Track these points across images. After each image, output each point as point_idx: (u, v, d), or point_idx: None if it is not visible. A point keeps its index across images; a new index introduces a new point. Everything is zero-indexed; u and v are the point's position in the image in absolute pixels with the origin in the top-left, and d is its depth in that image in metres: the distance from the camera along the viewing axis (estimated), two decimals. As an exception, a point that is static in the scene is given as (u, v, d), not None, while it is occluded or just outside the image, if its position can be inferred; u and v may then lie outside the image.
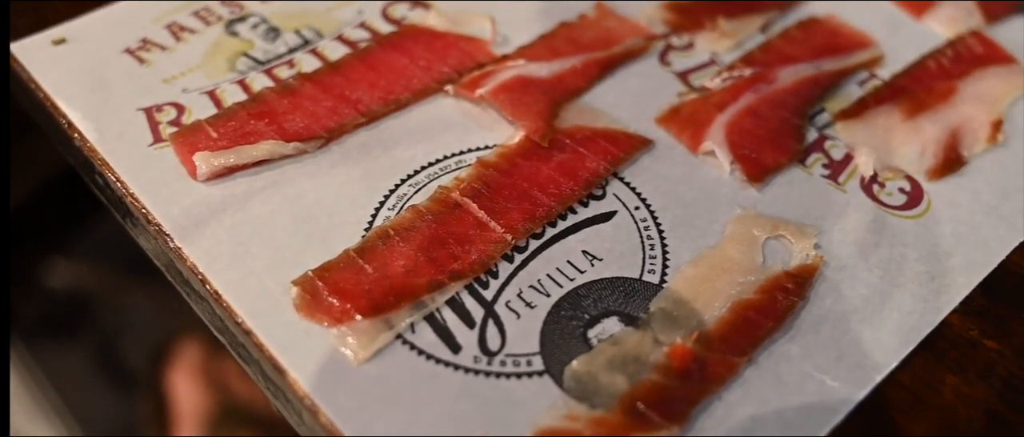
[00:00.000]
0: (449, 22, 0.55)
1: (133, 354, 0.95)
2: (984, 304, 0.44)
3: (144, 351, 0.95)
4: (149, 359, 0.92)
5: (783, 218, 0.46)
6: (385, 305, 0.41)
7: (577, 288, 0.42)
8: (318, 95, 0.49)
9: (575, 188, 0.46)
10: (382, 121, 0.49)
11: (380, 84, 0.50)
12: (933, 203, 0.48)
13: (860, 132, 0.51)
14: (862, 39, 0.57)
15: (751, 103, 0.52)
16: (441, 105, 0.51)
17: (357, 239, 0.43)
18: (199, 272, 0.42)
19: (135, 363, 0.94)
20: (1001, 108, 0.53)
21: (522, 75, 0.51)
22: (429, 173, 0.47)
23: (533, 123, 0.48)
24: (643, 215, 0.46)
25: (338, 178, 0.46)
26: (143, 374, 0.92)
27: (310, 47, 0.53)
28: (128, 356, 0.95)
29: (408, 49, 0.53)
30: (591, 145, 0.48)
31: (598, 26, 0.56)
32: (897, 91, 0.54)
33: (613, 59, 0.54)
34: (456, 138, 0.49)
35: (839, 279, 0.44)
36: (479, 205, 0.45)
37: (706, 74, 0.54)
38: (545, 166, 0.47)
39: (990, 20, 0.60)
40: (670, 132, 0.50)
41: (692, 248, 0.44)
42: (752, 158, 0.48)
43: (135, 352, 0.96)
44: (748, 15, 0.58)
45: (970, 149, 0.51)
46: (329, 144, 0.48)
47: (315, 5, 0.56)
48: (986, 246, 0.46)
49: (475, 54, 0.53)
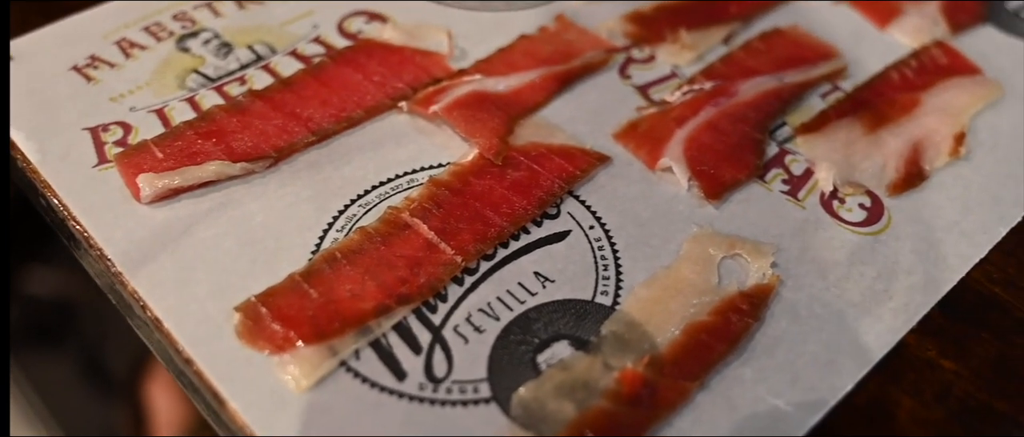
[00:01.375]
0: (406, 36, 0.54)
1: (116, 361, 0.94)
2: (942, 323, 0.43)
3: (127, 358, 0.94)
4: (132, 366, 0.91)
5: (740, 236, 0.45)
6: (329, 331, 0.40)
7: (528, 311, 0.42)
8: (268, 113, 0.48)
9: (528, 207, 0.45)
10: (334, 139, 0.48)
11: (332, 101, 0.49)
12: (893, 219, 0.47)
13: (821, 146, 0.50)
14: (826, 50, 0.57)
15: (711, 117, 0.51)
16: (395, 122, 0.50)
17: (304, 263, 0.42)
18: (140, 298, 0.41)
19: (118, 370, 0.94)
20: (964, 120, 0.52)
21: (478, 90, 0.50)
22: (380, 193, 0.46)
23: (487, 140, 0.48)
24: (597, 234, 0.45)
25: (286, 199, 0.45)
26: (126, 381, 0.91)
27: (263, 63, 0.52)
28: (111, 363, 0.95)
29: (362, 64, 0.52)
30: (546, 162, 0.47)
31: (558, 39, 0.55)
32: (859, 104, 0.53)
33: (572, 73, 0.53)
34: (409, 156, 0.48)
35: (795, 299, 0.43)
36: (430, 226, 0.44)
37: (666, 88, 0.53)
38: (498, 185, 0.46)
39: (955, 30, 0.59)
40: (628, 148, 0.49)
41: (646, 268, 0.44)
42: (710, 174, 0.48)
43: (118, 359, 0.95)
44: (711, 27, 0.57)
45: (932, 163, 0.50)
46: (278, 163, 0.47)
47: (269, 20, 0.55)
48: (946, 263, 0.45)
49: (431, 69, 0.52)
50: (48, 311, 0.95)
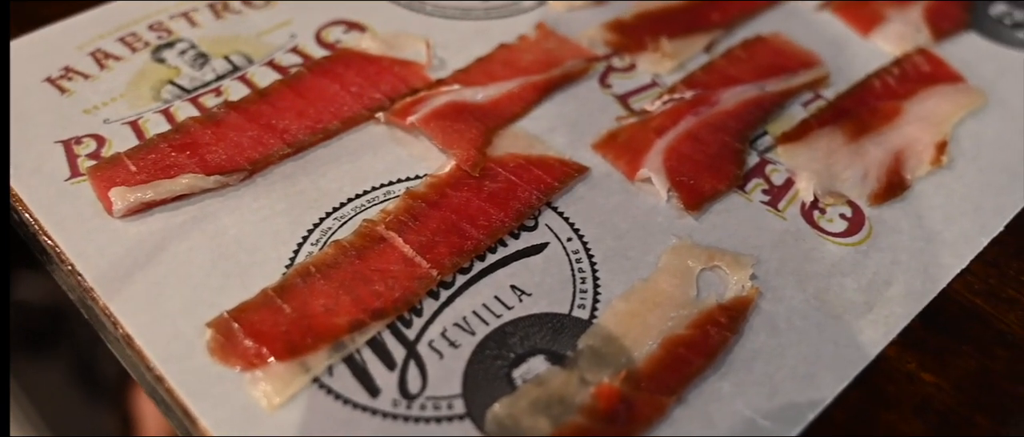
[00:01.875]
0: (384, 46, 0.53)
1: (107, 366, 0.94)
2: (923, 336, 0.43)
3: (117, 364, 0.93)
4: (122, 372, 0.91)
5: (719, 247, 0.45)
6: (302, 347, 0.39)
7: (504, 325, 0.41)
8: (243, 125, 0.48)
9: (506, 220, 0.45)
10: (310, 151, 0.48)
11: (309, 112, 0.49)
12: (874, 229, 0.47)
13: (802, 156, 0.50)
14: (808, 58, 0.56)
15: (691, 127, 0.50)
16: (372, 133, 0.49)
17: (277, 277, 0.42)
18: (111, 314, 0.40)
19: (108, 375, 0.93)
20: (946, 129, 0.52)
21: (456, 101, 0.50)
22: (356, 205, 0.45)
23: (464, 152, 0.47)
24: (575, 247, 0.44)
25: (261, 213, 0.44)
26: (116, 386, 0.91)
27: (239, 74, 0.51)
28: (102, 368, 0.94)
29: (339, 75, 0.51)
30: (524, 174, 0.47)
31: (538, 48, 0.55)
32: (841, 112, 0.52)
33: (551, 82, 0.52)
34: (386, 168, 0.47)
35: (775, 311, 0.43)
36: (405, 239, 0.43)
37: (647, 97, 0.53)
38: (476, 197, 0.45)
39: (938, 37, 0.59)
40: (607, 158, 0.49)
41: (625, 281, 0.43)
42: (690, 185, 0.47)
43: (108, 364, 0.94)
44: (692, 35, 0.57)
45: (914, 172, 0.49)
46: (253, 176, 0.46)
47: (246, 29, 0.54)
48: (927, 274, 0.45)
49: (409, 79, 0.52)
50: (39, 317, 0.95)
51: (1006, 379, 0.42)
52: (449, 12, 0.57)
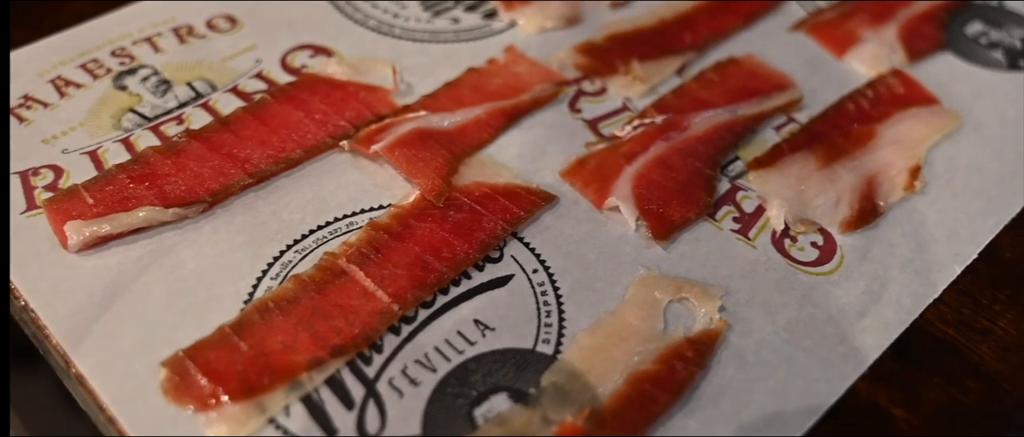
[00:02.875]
0: (351, 71, 0.53)
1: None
2: (894, 368, 0.42)
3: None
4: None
5: (688, 278, 0.44)
6: (259, 387, 0.38)
7: (466, 362, 0.40)
8: (204, 154, 0.47)
9: (470, 251, 0.44)
10: (272, 180, 0.47)
11: (272, 141, 0.48)
12: (846, 258, 0.46)
13: (774, 182, 0.49)
14: (781, 80, 0.56)
15: (661, 153, 0.50)
16: (336, 161, 0.48)
17: (235, 313, 0.41)
18: (63, 352, 0.39)
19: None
20: (920, 153, 0.51)
21: (421, 128, 0.49)
22: (318, 237, 0.44)
23: (428, 181, 0.46)
24: (541, 279, 0.43)
25: (220, 246, 0.44)
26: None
27: (202, 101, 0.51)
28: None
29: (304, 101, 0.50)
30: (490, 204, 0.46)
31: (507, 72, 0.54)
32: (813, 136, 0.52)
33: (520, 108, 0.52)
34: (349, 198, 0.46)
35: (743, 345, 0.42)
36: (366, 272, 0.42)
37: (617, 122, 0.52)
38: (440, 228, 0.45)
39: (914, 58, 0.58)
40: (576, 186, 0.48)
41: (590, 314, 0.42)
42: (659, 214, 0.46)
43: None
44: (664, 57, 0.56)
45: (886, 198, 0.49)
46: (213, 208, 0.45)
47: (211, 55, 0.53)
48: (898, 304, 0.44)
49: (375, 105, 0.51)
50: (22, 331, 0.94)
51: (978, 413, 0.41)
52: (418, 35, 0.57)
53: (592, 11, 0.60)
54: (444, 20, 0.58)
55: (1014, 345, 0.43)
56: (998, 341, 0.44)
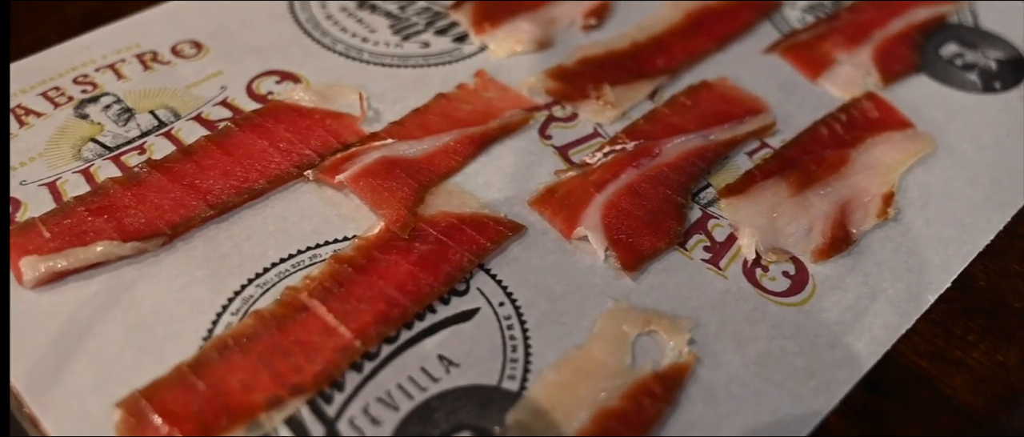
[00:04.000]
0: (318, 98, 0.52)
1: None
2: (866, 401, 0.41)
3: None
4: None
5: (657, 310, 0.43)
6: (216, 427, 0.37)
7: (429, 399, 0.39)
8: (165, 185, 0.46)
9: (435, 285, 0.43)
10: (235, 212, 0.46)
11: (235, 171, 0.47)
12: (818, 288, 0.45)
13: (745, 210, 0.48)
14: (754, 105, 0.55)
15: (632, 180, 0.49)
16: (300, 192, 0.47)
17: (194, 350, 0.40)
18: (16, 392, 0.38)
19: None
20: (894, 178, 0.51)
21: (388, 156, 0.48)
22: (280, 271, 0.43)
23: (394, 212, 0.45)
24: (507, 312, 0.43)
25: (179, 280, 0.43)
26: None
27: (165, 129, 0.50)
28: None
29: (269, 130, 0.49)
30: (456, 234, 0.45)
31: (476, 97, 0.53)
32: (786, 162, 0.51)
33: (489, 135, 0.51)
34: (313, 229, 0.45)
35: (713, 379, 0.41)
36: (329, 307, 0.41)
37: (588, 148, 0.52)
38: (405, 260, 0.44)
39: (888, 80, 0.58)
40: (544, 215, 0.47)
41: (557, 348, 0.42)
42: (628, 243, 0.46)
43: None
44: (637, 81, 0.56)
45: (859, 226, 0.48)
46: (174, 241, 0.44)
47: (175, 82, 0.53)
48: (871, 335, 0.44)
49: (341, 133, 0.50)
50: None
51: (950, 448, 0.40)
52: (387, 60, 0.56)
53: (564, 34, 0.59)
54: (413, 44, 0.57)
55: (987, 377, 0.43)
56: (971, 373, 0.43)
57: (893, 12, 0.63)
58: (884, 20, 0.62)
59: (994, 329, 0.45)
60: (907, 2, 0.64)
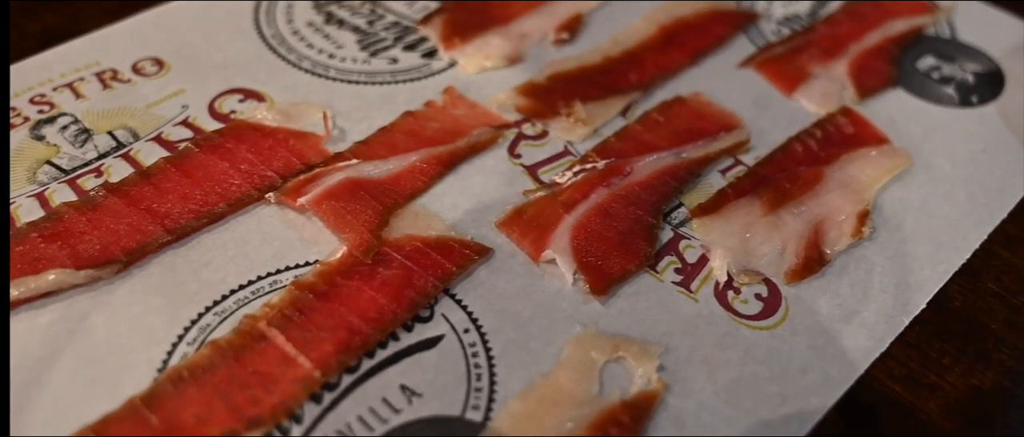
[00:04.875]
0: (281, 116, 0.51)
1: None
2: (839, 428, 0.40)
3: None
4: None
5: (626, 335, 0.42)
6: (169, 464, 0.36)
7: (390, 431, 0.38)
8: (121, 210, 0.45)
9: (399, 311, 0.42)
10: (194, 236, 0.45)
11: (194, 194, 0.46)
12: (791, 311, 0.44)
13: (718, 230, 0.47)
14: (728, 121, 0.54)
15: (602, 200, 0.48)
16: (262, 215, 0.46)
17: (148, 383, 0.39)
18: (-38, 430, 0.37)
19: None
20: (869, 196, 0.50)
21: (352, 178, 0.47)
22: (239, 298, 0.42)
23: (357, 236, 0.44)
24: (472, 339, 0.41)
25: (134, 309, 0.41)
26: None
27: (123, 151, 0.48)
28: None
29: (230, 151, 0.48)
30: (421, 259, 0.44)
31: (445, 115, 0.52)
32: (760, 180, 0.50)
33: (457, 154, 0.50)
34: (274, 254, 0.44)
35: (682, 407, 0.40)
36: (288, 336, 0.40)
37: (558, 167, 0.50)
38: (367, 286, 0.43)
39: (864, 95, 0.57)
40: (512, 237, 0.46)
41: (523, 376, 0.40)
42: (597, 266, 0.44)
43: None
44: (609, 97, 0.55)
45: (833, 246, 0.47)
46: (129, 268, 0.43)
47: (135, 101, 0.51)
48: (844, 359, 0.43)
49: (305, 153, 0.49)
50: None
51: (924, 477, 0.39)
52: (354, 76, 0.55)
53: (535, 49, 0.58)
54: (381, 60, 0.56)
55: (961, 402, 0.42)
56: (945, 397, 0.42)
57: (870, 25, 0.62)
58: (860, 33, 0.61)
59: (969, 351, 0.44)
60: (884, 14, 0.63)
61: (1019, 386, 0.43)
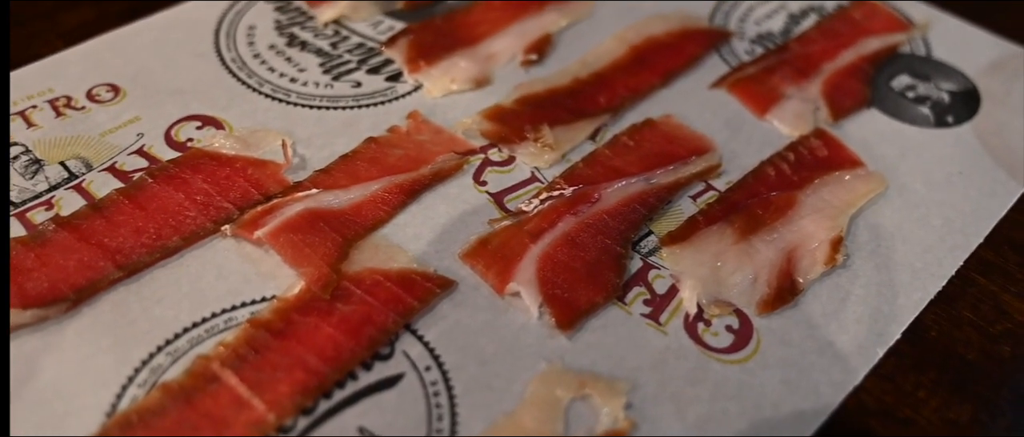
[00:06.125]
0: (240, 144, 0.49)
1: None
2: (811, 467, 0.39)
3: None
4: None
5: (593, 371, 0.41)
6: (115, 516, 0.34)
7: (347, 477, 0.37)
8: (71, 245, 0.43)
9: (357, 350, 0.40)
10: (147, 272, 0.43)
11: (147, 228, 0.44)
12: (762, 343, 0.43)
13: (688, 259, 0.46)
14: (699, 144, 0.53)
15: (569, 229, 0.47)
16: (218, 248, 0.45)
17: (95, 429, 0.37)
18: (-101, 482, 0.35)
19: None
20: (842, 222, 0.49)
21: (312, 209, 0.46)
22: (192, 337, 0.41)
23: (315, 271, 0.43)
24: (433, 377, 0.40)
25: (83, 349, 0.40)
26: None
27: (75, 182, 0.47)
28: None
29: (185, 181, 0.47)
30: (381, 293, 0.43)
31: (409, 142, 0.51)
32: (731, 206, 0.49)
33: (420, 182, 0.48)
34: (230, 290, 0.43)
35: (649, 447, 0.39)
36: (241, 377, 0.39)
37: (525, 194, 0.49)
38: (325, 323, 0.41)
39: (838, 116, 0.56)
40: (476, 269, 0.45)
41: (486, 416, 0.39)
42: (564, 299, 0.43)
43: None
44: (577, 121, 0.53)
45: (806, 274, 0.46)
46: (79, 306, 0.41)
47: (89, 129, 0.50)
48: (817, 393, 0.41)
49: (264, 183, 0.47)
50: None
51: (898, 519, 0.38)
52: (316, 101, 0.53)
53: (503, 71, 0.57)
54: (345, 84, 0.54)
55: (937, 438, 0.41)
56: (921, 432, 0.41)
57: (844, 43, 0.61)
58: (834, 51, 0.60)
59: (945, 383, 0.43)
60: (859, 32, 0.62)
61: (996, 420, 0.41)
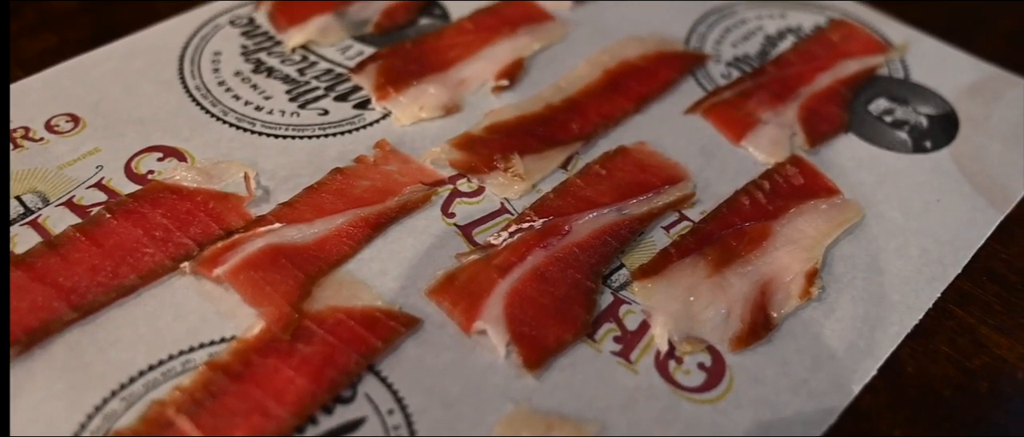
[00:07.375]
0: (202, 176, 0.48)
1: None
2: (784, 513, 0.38)
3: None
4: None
5: (561, 413, 0.40)
6: None
7: (305, 529, 0.35)
8: (25, 285, 0.42)
9: (318, 393, 0.39)
10: (103, 311, 0.42)
11: (104, 266, 0.43)
12: (735, 381, 0.42)
13: (660, 293, 0.45)
14: (673, 173, 0.52)
15: (539, 263, 0.45)
16: (176, 286, 0.43)
17: (44, 479, 0.36)
18: None
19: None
20: (818, 253, 0.48)
21: (274, 244, 0.44)
22: (148, 381, 0.40)
23: (276, 310, 0.42)
24: (396, 421, 0.39)
25: (34, 395, 0.39)
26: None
27: (30, 218, 0.45)
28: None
29: (144, 216, 0.45)
30: (344, 332, 0.41)
31: (375, 172, 0.50)
32: (704, 238, 0.48)
33: (386, 214, 0.47)
34: (188, 331, 0.42)
35: (618, 493, 0.37)
36: (197, 423, 0.38)
37: (494, 227, 0.48)
38: (285, 365, 0.40)
39: (815, 142, 0.55)
40: (442, 306, 0.44)
41: (450, 462, 0.38)
42: (532, 337, 0.42)
43: None
44: (549, 149, 0.52)
45: (780, 308, 0.45)
46: (31, 349, 0.40)
47: (47, 162, 0.49)
48: (791, 435, 0.40)
49: (225, 218, 0.46)
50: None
51: None
52: (281, 130, 0.52)
53: (474, 97, 0.56)
54: (311, 112, 0.53)
55: (913, 481, 0.39)
56: (897, 474, 0.40)
57: (821, 66, 0.60)
58: (812, 75, 0.60)
59: (922, 421, 0.42)
60: (836, 54, 0.61)
61: (972, 461, 0.40)
